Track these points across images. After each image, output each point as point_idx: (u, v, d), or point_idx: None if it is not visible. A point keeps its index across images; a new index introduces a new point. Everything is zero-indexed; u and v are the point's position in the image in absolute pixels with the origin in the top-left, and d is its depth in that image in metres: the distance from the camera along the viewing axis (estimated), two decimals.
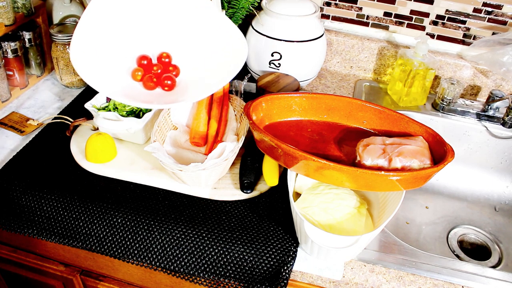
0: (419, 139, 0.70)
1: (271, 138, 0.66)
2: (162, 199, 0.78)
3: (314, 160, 0.62)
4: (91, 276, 0.91)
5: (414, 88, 1.05)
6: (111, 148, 0.84)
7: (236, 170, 0.83)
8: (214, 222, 0.74)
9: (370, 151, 0.67)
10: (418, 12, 1.09)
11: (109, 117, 0.84)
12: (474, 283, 0.68)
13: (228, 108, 0.90)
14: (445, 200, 1.06)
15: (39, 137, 0.90)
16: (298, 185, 0.76)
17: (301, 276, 0.70)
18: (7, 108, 0.99)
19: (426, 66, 1.02)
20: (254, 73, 1.07)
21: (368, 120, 0.78)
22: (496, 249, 0.96)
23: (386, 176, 0.62)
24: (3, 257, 0.94)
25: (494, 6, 1.02)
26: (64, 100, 1.03)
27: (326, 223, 0.68)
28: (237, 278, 0.69)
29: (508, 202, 1.05)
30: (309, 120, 0.80)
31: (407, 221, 1.00)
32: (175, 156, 0.82)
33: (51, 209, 0.76)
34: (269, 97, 0.77)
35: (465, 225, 1.01)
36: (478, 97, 1.12)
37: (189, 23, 0.73)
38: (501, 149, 1.05)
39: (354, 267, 0.69)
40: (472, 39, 1.08)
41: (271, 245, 0.70)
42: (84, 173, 0.81)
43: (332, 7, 1.14)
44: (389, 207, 0.70)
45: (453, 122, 1.05)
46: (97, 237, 0.74)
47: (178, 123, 0.90)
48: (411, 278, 0.68)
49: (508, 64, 0.99)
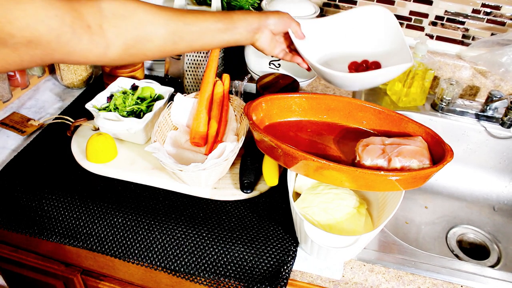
0: (418, 139, 0.70)
1: (271, 138, 0.66)
2: (163, 199, 0.78)
3: (313, 160, 0.62)
4: (92, 276, 0.91)
5: (413, 89, 1.05)
6: (112, 148, 0.84)
7: (236, 170, 0.84)
8: (214, 222, 0.74)
9: (369, 151, 0.67)
10: (417, 13, 1.09)
11: (109, 117, 0.84)
12: (473, 282, 0.68)
13: (228, 108, 0.91)
14: (444, 200, 1.07)
15: (40, 137, 0.90)
16: (298, 185, 0.76)
17: (301, 276, 0.71)
18: (8, 108, 0.99)
19: (425, 66, 1.02)
20: (254, 74, 1.08)
21: (368, 120, 0.78)
22: (494, 248, 0.96)
23: (385, 176, 0.62)
24: (5, 256, 0.94)
25: (493, 7, 1.02)
26: (65, 101, 1.03)
27: (326, 223, 0.69)
28: (237, 277, 0.69)
29: (507, 202, 1.06)
30: (309, 120, 0.81)
31: (406, 221, 1.00)
32: (176, 156, 0.83)
33: (52, 208, 0.76)
34: (269, 97, 0.78)
35: (464, 225, 1.01)
36: (477, 97, 1.12)
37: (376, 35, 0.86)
38: (500, 149, 1.05)
39: (354, 267, 0.70)
40: (471, 40, 1.09)
41: (271, 245, 0.71)
42: (85, 173, 0.82)
43: (332, 8, 1.14)
44: (389, 207, 0.70)
45: (452, 122, 1.05)
46: (97, 236, 0.75)
47: (178, 123, 0.90)
48: (411, 278, 0.69)
49: (506, 64, 0.99)
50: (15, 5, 0.48)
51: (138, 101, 0.90)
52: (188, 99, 0.90)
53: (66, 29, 0.53)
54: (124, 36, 0.61)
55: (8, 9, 0.47)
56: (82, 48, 0.57)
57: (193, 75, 1.01)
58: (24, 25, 0.49)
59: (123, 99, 0.88)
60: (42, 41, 0.51)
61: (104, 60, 0.61)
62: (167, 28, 0.64)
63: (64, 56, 0.56)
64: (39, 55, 0.53)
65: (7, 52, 0.50)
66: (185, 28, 0.66)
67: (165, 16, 0.64)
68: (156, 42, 0.64)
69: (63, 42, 0.54)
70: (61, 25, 0.52)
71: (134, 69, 1.00)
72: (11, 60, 0.51)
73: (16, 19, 0.48)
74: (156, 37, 0.64)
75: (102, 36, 0.58)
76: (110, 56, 0.61)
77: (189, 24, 0.66)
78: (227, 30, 0.69)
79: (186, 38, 0.67)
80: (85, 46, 0.57)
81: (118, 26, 0.60)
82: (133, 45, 0.62)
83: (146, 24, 0.62)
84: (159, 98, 0.92)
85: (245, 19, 0.71)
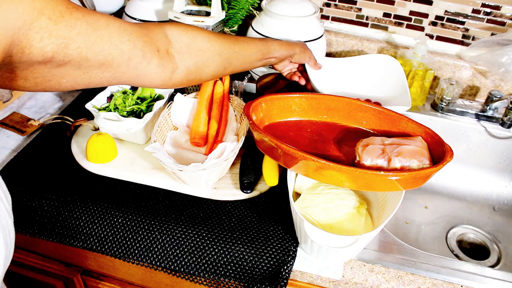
0: (418, 139, 0.70)
1: (270, 138, 0.66)
2: (163, 199, 0.78)
3: (313, 160, 0.62)
4: (92, 276, 0.91)
5: (413, 89, 1.05)
6: (112, 148, 0.84)
7: (236, 170, 0.84)
8: (214, 222, 0.74)
9: (369, 151, 0.67)
10: (417, 13, 1.09)
11: (109, 118, 0.84)
12: (473, 282, 0.68)
13: (228, 108, 0.91)
14: (444, 200, 1.07)
15: (40, 137, 0.90)
16: (298, 185, 0.76)
17: (301, 276, 0.71)
18: (8, 108, 0.99)
19: (425, 66, 1.02)
20: (254, 74, 1.08)
21: (368, 120, 0.78)
22: (495, 248, 0.96)
23: (385, 176, 0.62)
24: None
25: (493, 7, 1.02)
26: (64, 101, 1.03)
27: (325, 223, 0.69)
28: (237, 277, 0.69)
29: (507, 202, 1.06)
30: (308, 120, 0.81)
31: (406, 221, 1.00)
32: (176, 156, 0.83)
33: (52, 209, 0.76)
34: (269, 97, 0.78)
35: (464, 225, 1.01)
36: (477, 97, 1.12)
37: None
38: (500, 149, 1.05)
39: (354, 267, 0.70)
40: (471, 40, 1.08)
41: (271, 245, 0.71)
42: (85, 173, 0.82)
43: (332, 7, 1.14)
44: (389, 207, 0.70)
45: (452, 122, 1.05)
46: (97, 236, 0.75)
47: (178, 124, 0.90)
48: (411, 278, 0.69)
49: (506, 64, 0.99)
50: (93, 32, 0.49)
51: (138, 101, 0.90)
52: (188, 99, 0.90)
53: (137, 53, 0.56)
54: (187, 62, 0.65)
55: (87, 35, 0.49)
56: (150, 72, 0.60)
57: None
58: (100, 49, 0.51)
59: (123, 99, 0.88)
60: (113, 64, 0.53)
61: (168, 84, 0.64)
62: (222, 56, 0.70)
63: (131, 79, 0.58)
64: (108, 77, 0.55)
65: (79, 73, 0.52)
66: (234, 55, 0.72)
67: (220, 43, 0.70)
68: (211, 68, 0.69)
69: (132, 65, 0.56)
70: (132, 49, 0.55)
71: None
72: (80, 81, 0.53)
73: (93, 44, 0.50)
74: (213, 63, 0.69)
75: (169, 61, 0.62)
76: (173, 81, 0.64)
77: (237, 52, 0.73)
78: (263, 59, 0.79)
79: (233, 64, 0.73)
80: (153, 70, 0.60)
81: (183, 53, 0.64)
82: (194, 71, 0.67)
83: (206, 52, 0.67)
84: (159, 98, 0.92)
85: (279, 51, 0.81)
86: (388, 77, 0.98)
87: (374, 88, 0.99)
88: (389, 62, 0.98)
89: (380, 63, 0.99)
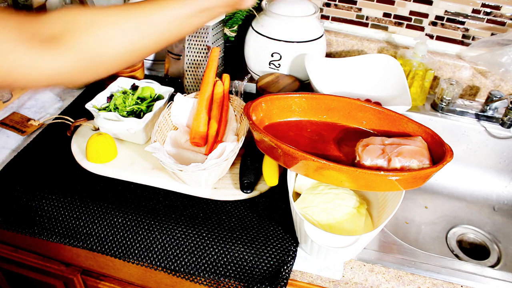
0: (418, 139, 0.70)
1: (270, 138, 0.66)
2: (163, 199, 0.78)
3: (313, 160, 0.62)
4: (92, 276, 0.91)
5: (413, 89, 1.05)
6: (112, 148, 0.84)
7: (236, 170, 0.84)
8: (214, 222, 0.74)
9: (369, 151, 0.67)
10: (417, 13, 1.09)
11: (109, 118, 0.84)
12: (473, 282, 0.68)
13: (228, 108, 0.91)
14: (444, 200, 1.07)
15: (40, 137, 0.90)
16: (298, 185, 0.76)
17: (301, 276, 0.71)
18: (8, 108, 0.99)
19: (425, 66, 1.02)
20: (254, 74, 1.08)
21: (368, 120, 0.78)
22: (494, 248, 0.96)
23: (385, 176, 0.62)
24: (5, 256, 0.94)
25: (493, 7, 1.02)
26: (64, 101, 1.03)
27: (325, 223, 0.69)
28: (237, 277, 0.69)
29: (507, 202, 1.06)
30: (308, 120, 0.81)
31: (406, 221, 1.00)
32: (176, 156, 0.83)
33: (52, 209, 0.76)
34: (269, 97, 0.78)
35: (464, 225, 1.01)
36: (477, 97, 1.12)
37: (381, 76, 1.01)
38: (500, 149, 1.05)
39: (354, 267, 0.70)
40: (471, 40, 1.09)
41: (271, 245, 0.71)
42: (85, 173, 0.82)
43: (332, 7, 1.14)
44: (389, 207, 0.70)
45: (452, 122, 1.05)
46: (97, 236, 0.75)
47: (178, 124, 0.90)
48: (411, 278, 0.69)
49: (506, 64, 0.99)
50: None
51: (138, 101, 0.90)
52: (188, 99, 0.90)
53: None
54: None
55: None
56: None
57: (193, 75, 1.01)
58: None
59: (123, 99, 0.88)
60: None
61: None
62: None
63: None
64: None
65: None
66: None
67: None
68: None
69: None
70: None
71: (134, 69, 1.00)
72: None
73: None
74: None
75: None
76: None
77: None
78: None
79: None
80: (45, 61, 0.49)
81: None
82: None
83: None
84: (159, 98, 0.92)
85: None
86: (388, 77, 0.98)
87: (374, 88, 1.00)
88: (389, 62, 0.99)
89: (380, 63, 1.00)
